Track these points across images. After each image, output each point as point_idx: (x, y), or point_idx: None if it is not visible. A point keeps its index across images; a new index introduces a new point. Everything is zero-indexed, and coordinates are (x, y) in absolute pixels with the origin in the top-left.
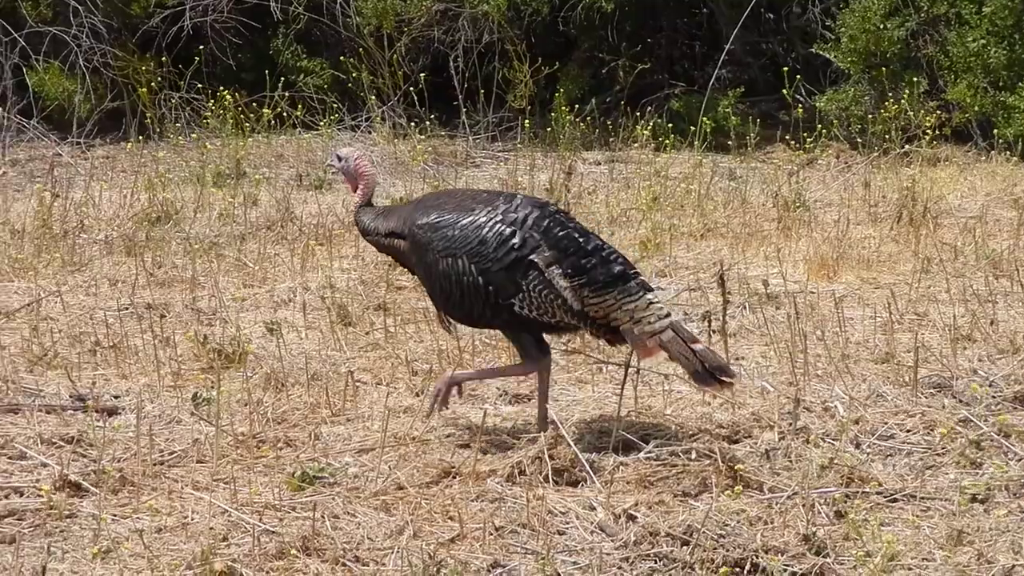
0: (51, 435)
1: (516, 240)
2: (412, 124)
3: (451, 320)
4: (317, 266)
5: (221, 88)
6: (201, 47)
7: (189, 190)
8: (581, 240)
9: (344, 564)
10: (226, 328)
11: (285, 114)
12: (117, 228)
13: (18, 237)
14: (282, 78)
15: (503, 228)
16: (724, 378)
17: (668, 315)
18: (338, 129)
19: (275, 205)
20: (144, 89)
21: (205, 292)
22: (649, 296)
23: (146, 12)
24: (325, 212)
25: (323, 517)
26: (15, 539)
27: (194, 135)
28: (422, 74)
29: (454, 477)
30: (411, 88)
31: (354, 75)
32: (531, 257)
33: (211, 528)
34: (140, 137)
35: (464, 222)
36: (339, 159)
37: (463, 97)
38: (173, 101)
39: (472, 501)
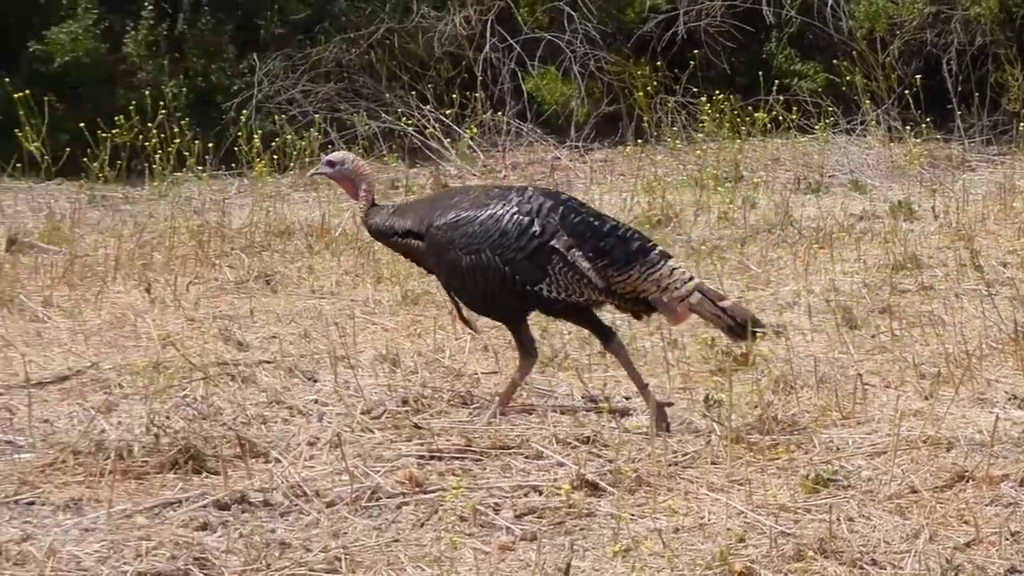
0: (566, 435)
1: (536, 228)
2: (907, 127)
3: (472, 314)
4: (819, 269)
5: (716, 92)
6: (695, 51)
7: (687, 193)
8: (596, 223)
9: (861, 567)
10: None
11: (780, 117)
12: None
13: None
14: (776, 81)
15: (521, 218)
16: (756, 330)
17: (692, 278)
18: (833, 133)
19: (773, 208)
20: (640, 93)
21: None
22: (671, 263)
23: (640, 18)
24: (824, 215)
25: (839, 519)
26: (536, 536)
27: (693, 137)
28: (917, 76)
29: (967, 481)
30: (905, 91)
31: (848, 78)
32: (552, 243)
33: (728, 529)
34: (637, 141)
35: (483, 217)
36: (332, 164)
37: (957, 100)
38: (669, 105)
39: (986, 505)
